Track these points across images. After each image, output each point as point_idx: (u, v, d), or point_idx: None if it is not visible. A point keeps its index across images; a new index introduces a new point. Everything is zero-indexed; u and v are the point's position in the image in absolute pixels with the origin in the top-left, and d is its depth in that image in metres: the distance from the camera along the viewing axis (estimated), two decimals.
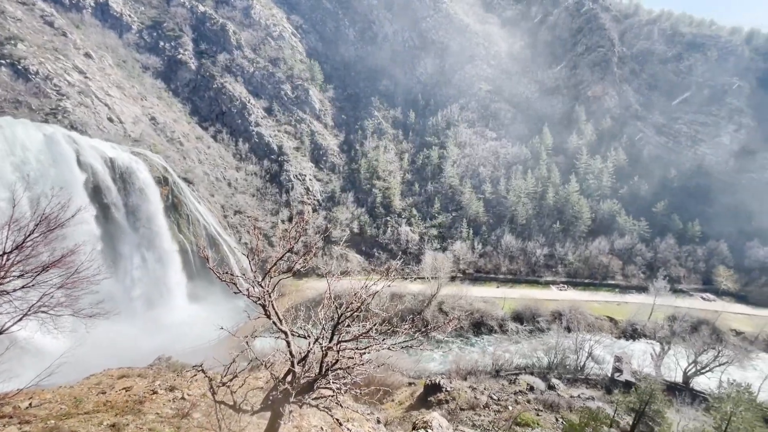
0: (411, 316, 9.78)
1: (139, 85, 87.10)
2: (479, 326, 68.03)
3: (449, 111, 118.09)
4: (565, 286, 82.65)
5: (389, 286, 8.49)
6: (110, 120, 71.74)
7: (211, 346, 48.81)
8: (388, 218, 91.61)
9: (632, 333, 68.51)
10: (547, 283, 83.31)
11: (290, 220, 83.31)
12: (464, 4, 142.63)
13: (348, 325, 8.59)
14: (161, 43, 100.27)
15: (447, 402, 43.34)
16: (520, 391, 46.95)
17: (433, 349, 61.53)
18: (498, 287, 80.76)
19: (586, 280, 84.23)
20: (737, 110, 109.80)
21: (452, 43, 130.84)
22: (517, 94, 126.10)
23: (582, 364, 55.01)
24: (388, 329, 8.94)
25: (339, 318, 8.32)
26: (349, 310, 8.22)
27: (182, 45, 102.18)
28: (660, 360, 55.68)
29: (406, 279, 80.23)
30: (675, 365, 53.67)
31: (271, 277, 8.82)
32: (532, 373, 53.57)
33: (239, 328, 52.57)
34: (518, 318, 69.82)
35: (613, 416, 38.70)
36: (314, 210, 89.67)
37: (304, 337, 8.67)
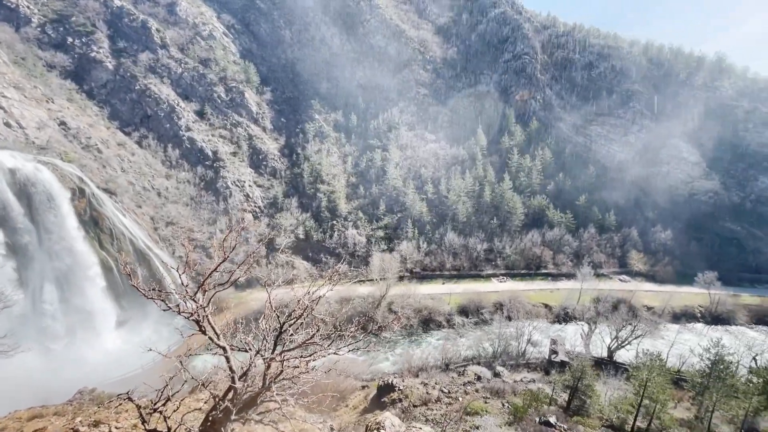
0: (357, 319, 9.75)
1: (44, 86, 77.21)
2: (428, 323, 69.84)
3: (390, 114, 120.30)
4: (505, 277, 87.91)
5: (331, 290, 8.36)
6: (7, 125, 62.71)
7: (145, 371, 44.70)
8: (335, 222, 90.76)
9: (565, 317, 74.67)
10: (488, 276, 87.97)
11: (233, 230, 79.06)
12: (399, 11, 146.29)
13: (292, 334, 8.32)
14: (70, 40, 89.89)
15: (400, 401, 43.86)
16: (469, 382, 48.99)
17: (385, 350, 61.98)
18: (444, 284, 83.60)
19: (523, 271, 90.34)
20: (639, 113, 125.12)
21: (389, 47, 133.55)
22: (451, 97, 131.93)
23: (523, 350, 58.76)
24: (334, 334, 8.80)
25: (281, 327, 8.02)
26: (291, 318, 7.96)
27: (96, 42, 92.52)
28: (588, 339, 61.31)
29: (354, 282, 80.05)
30: (601, 342, 59.51)
31: (205, 291, 8.26)
32: (479, 363, 56.10)
33: (176, 348, 48.76)
34: (464, 312, 72.79)
35: (552, 395, 41.93)
36: (256, 217, 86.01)
37: (246, 351, 8.22)
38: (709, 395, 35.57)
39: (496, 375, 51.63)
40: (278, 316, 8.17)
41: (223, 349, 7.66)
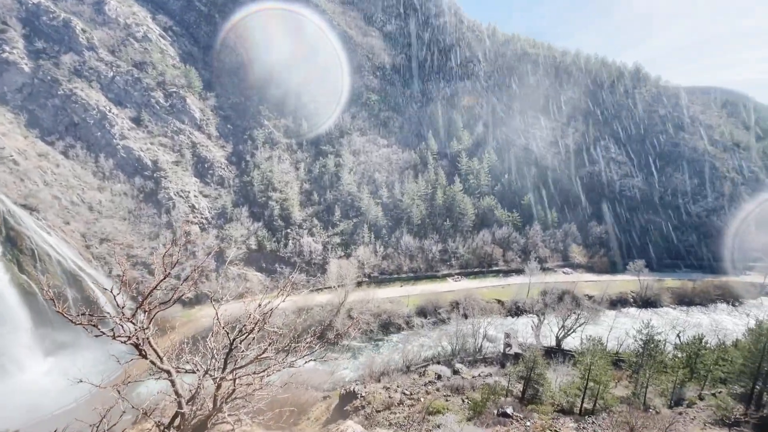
0: (313, 329, 9.53)
1: None
2: (388, 326, 70.09)
3: (342, 120, 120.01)
4: (459, 277, 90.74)
5: (283, 302, 8.10)
6: None
7: (80, 405, 40.40)
8: (289, 230, 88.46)
9: (516, 310, 78.44)
10: (444, 277, 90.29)
11: (174, 243, 74.15)
12: (347, 17, 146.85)
13: (244, 350, 7.91)
14: None
15: (363, 407, 43.50)
16: (430, 382, 49.76)
17: (346, 357, 61.24)
18: (401, 286, 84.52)
19: (476, 269, 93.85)
20: (572, 117, 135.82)
21: (339, 53, 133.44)
22: (402, 103, 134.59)
23: (479, 345, 60.84)
24: (289, 346, 8.51)
25: (231, 344, 7.60)
26: (242, 333, 7.57)
27: (8, 41, 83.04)
28: (538, 330, 64.87)
29: (312, 291, 78.44)
30: (549, 332, 63.30)
31: (145, 311, 7.63)
32: (438, 363, 57.21)
33: (116, 377, 44.65)
34: (422, 313, 73.98)
35: (508, 386, 43.71)
36: (203, 229, 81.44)
37: (193, 372, 7.68)
38: (643, 372, 39.06)
39: (456, 372, 52.94)
40: (227, 333, 7.74)
41: (168, 372, 7.09)
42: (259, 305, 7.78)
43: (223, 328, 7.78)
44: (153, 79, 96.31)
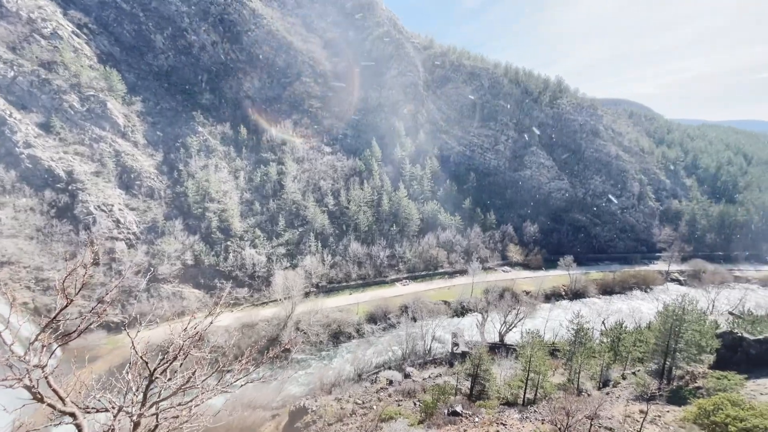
0: (249, 349, 8.91)
1: None
2: (338, 336, 68.92)
3: (283, 126, 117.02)
4: (407, 281, 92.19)
5: (211, 323, 7.44)
6: None
7: None
8: (229, 243, 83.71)
9: (462, 310, 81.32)
10: (392, 281, 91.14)
11: (96, 263, 66.62)
12: (286, 23, 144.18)
13: (169, 379, 7.08)
14: None
15: (314, 422, 42.18)
16: (382, 388, 49.68)
17: (295, 371, 58.92)
18: (351, 294, 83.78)
19: (423, 272, 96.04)
20: (506, 125, 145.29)
21: (278, 59, 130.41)
22: (344, 111, 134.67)
23: (429, 347, 62.08)
24: (223, 368, 7.82)
25: (152, 375, 6.76)
26: (164, 362, 6.78)
27: None
28: (483, 327, 67.76)
29: (257, 305, 74.83)
30: (493, 328, 66.47)
31: (44, 345, 6.54)
32: (390, 368, 57.33)
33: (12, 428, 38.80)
34: (372, 319, 73.85)
35: (457, 385, 44.97)
36: (130, 245, 74.13)
37: (107, 411, 6.71)
38: (576, 359, 42.41)
39: (407, 376, 53.41)
40: (146, 363, 6.88)
41: (72, 415, 6.08)
42: (185, 329, 7.04)
43: (142, 357, 6.90)
44: (65, 81, 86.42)
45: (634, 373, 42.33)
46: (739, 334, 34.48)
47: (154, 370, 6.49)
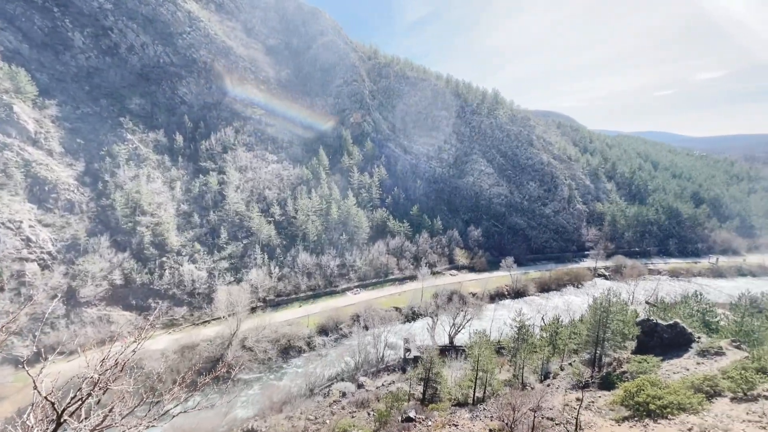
0: (186, 372, 8.17)
1: None
2: (288, 351, 66.36)
3: (224, 134, 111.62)
4: (358, 289, 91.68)
5: (135, 351, 6.67)
6: None
7: None
8: (165, 259, 77.47)
9: (413, 315, 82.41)
10: (343, 291, 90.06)
11: (0, 288, 58.06)
12: (225, 27, 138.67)
13: (84, 419, 6.15)
14: None
15: None
16: (335, 401, 48.51)
17: (242, 392, 55.60)
18: (301, 306, 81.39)
19: (374, 280, 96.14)
20: (449, 134, 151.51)
21: (217, 64, 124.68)
22: (290, 118, 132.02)
23: (381, 355, 61.97)
24: (146, 401, 7.02)
25: (59, 417, 5.83)
26: (76, 400, 5.90)
27: None
28: (433, 331, 69.14)
29: (197, 324, 69.81)
30: (443, 331, 68.16)
31: None
32: (342, 380, 56.31)
33: None
34: (323, 331, 72.22)
35: (410, 390, 45.26)
36: (44, 267, 65.62)
37: None
38: (520, 355, 44.77)
39: (360, 386, 52.76)
40: (53, 404, 5.92)
41: None
42: (102, 360, 6.21)
43: (46, 397, 5.93)
44: None
45: (570, 364, 45.58)
46: (654, 321, 38.68)
47: (63, 411, 5.62)
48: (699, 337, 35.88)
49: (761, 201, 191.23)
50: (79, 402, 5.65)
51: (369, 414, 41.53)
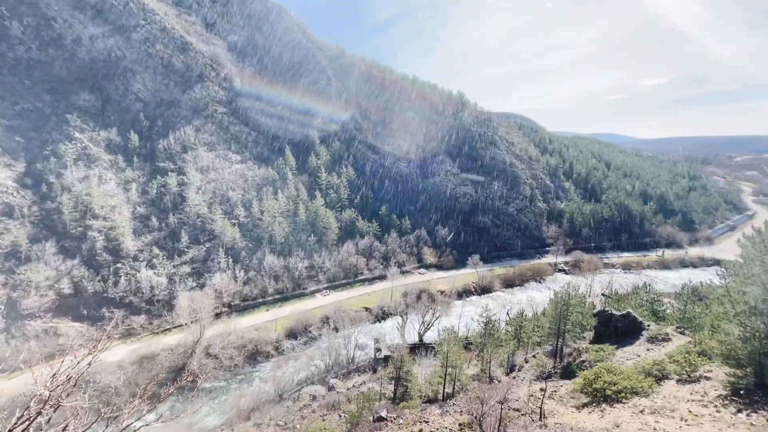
0: (147, 383, 7.75)
1: None
2: (255, 356, 64.62)
3: (183, 133, 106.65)
4: (328, 291, 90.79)
5: (89, 364, 6.23)
6: None
7: None
8: (120, 265, 72.98)
9: (383, 315, 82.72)
10: (312, 293, 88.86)
11: None
12: (183, 21, 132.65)
13: None
14: None
15: None
16: (305, 405, 47.79)
17: (209, 401, 53.45)
18: (268, 310, 79.46)
19: (343, 281, 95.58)
20: (416, 135, 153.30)
21: (175, 59, 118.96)
22: (253, 117, 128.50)
23: (352, 356, 61.77)
24: (103, 416, 6.59)
25: None
26: (23, 420, 5.40)
27: None
28: (403, 330, 69.87)
29: (157, 333, 66.35)
30: (413, 330, 68.94)
31: None
32: (312, 383, 55.60)
33: None
34: (292, 334, 70.92)
35: (380, 390, 45.41)
36: None
37: None
38: (486, 349, 46.13)
39: (331, 389, 52.32)
40: None
41: None
42: (53, 375, 5.73)
43: None
44: None
45: (534, 356, 47.53)
46: (610, 312, 41.13)
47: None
48: (649, 325, 38.55)
49: (700, 198, 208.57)
50: (27, 422, 5.21)
51: (340, 416, 41.24)
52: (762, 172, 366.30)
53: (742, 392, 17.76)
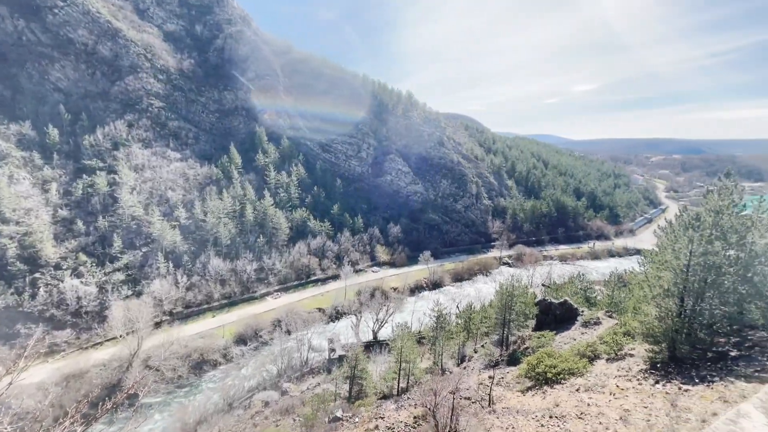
0: (77, 404, 7.04)
1: None
2: (201, 365, 61.09)
3: (114, 128, 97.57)
4: (279, 293, 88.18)
5: (9, 384, 5.54)
6: None
7: None
8: (38, 275, 65.16)
9: (337, 315, 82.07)
10: (262, 296, 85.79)
11: None
12: (110, 5, 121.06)
13: None
14: None
15: None
16: (257, 412, 46.11)
17: (149, 416, 49.53)
18: (215, 316, 75.44)
19: (295, 282, 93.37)
20: (366, 134, 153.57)
21: (101, 47, 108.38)
22: (195, 112, 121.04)
23: (306, 358, 60.59)
24: None
25: None
26: None
27: None
28: (357, 328, 69.90)
29: (86, 348, 60.23)
30: (367, 328, 69.19)
31: None
32: (265, 389, 53.74)
33: None
34: (242, 340, 68.01)
35: (336, 390, 45.09)
36: None
37: None
38: (438, 342, 47.61)
39: (284, 393, 50.95)
40: None
41: None
42: None
43: None
44: None
45: (482, 346, 49.88)
46: (549, 301, 44.35)
47: None
48: (583, 311, 42.12)
49: (623, 194, 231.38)
50: None
51: (294, 420, 40.34)
52: (672, 171, 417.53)
53: (658, 365, 20.08)
